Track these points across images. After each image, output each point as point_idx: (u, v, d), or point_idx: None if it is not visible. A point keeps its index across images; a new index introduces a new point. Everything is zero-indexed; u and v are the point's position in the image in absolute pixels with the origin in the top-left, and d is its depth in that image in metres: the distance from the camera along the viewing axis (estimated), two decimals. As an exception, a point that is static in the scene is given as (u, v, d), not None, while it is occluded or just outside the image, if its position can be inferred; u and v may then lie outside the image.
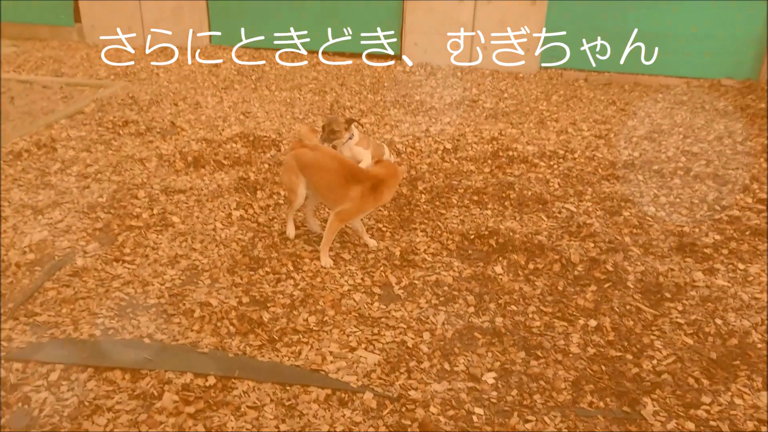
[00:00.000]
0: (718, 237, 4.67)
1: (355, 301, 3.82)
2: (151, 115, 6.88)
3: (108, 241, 4.36)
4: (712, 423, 2.96)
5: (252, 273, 4.08)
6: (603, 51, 9.36)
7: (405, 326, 3.61)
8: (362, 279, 4.06)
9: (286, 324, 3.59)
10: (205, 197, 5.04)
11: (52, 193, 4.97)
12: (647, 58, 9.28)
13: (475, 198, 5.22)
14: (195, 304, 3.74)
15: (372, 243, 4.43)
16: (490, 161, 6.03)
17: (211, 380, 3.11)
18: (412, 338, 3.50)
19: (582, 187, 5.52)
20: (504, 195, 5.29)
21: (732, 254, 4.44)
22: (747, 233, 4.73)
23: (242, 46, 10.10)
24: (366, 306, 3.78)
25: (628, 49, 9.26)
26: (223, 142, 6.18)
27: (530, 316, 3.73)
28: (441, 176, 5.63)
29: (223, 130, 6.53)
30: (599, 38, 9.31)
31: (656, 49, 9.21)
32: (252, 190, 5.21)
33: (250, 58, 9.56)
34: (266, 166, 5.69)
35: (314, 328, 3.57)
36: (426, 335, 3.53)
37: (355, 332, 3.54)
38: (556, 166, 5.97)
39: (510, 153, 6.22)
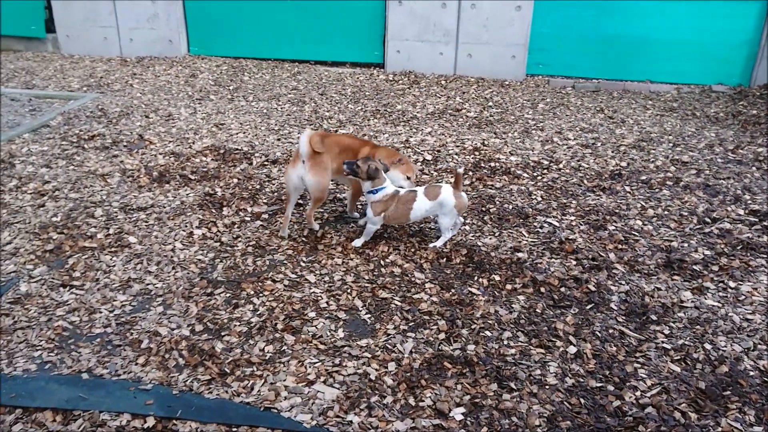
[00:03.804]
0: (707, 252, 4.41)
1: (317, 328, 3.55)
2: (119, 128, 6.61)
3: (57, 265, 4.08)
4: (700, 464, 2.69)
5: (208, 298, 3.80)
6: (591, 57, 9.16)
7: (369, 356, 3.33)
8: (327, 303, 3.78)
9: (240, 355, 3.31)
10: (166, 215, 4.76)
11: (3, 213, 4.70)
12: (636, 64, 9.09)
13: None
14: (143, 333, 3.46)
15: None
16: (470, 173, 5.77)
17: (150, 422, 2.83)
18: (376, 369, 3.23)
19: (566, 199, 5.26)
20: (484, 209, 5.03)
21: (723, 271, 4.17)
22: (738, 248, 4.47)
23: (222, 56, 9.88)
24: (329, 333, 3.51)
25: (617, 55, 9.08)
26: (192, 156, 5.91)
27: (505, 342, 3.45)
28: (418, 189, 5.37)
29: (193, 143, 6.27)
30: (586, 43, 9.12)
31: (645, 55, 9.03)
32: (218, 206, 4.94)
33: (230, 68, 9.32)
34: (235, 180, 5.43)
35: (271, 359, 3.29)
36: (391, 366, 3.26)
37: (314, 363, 3.26)
38: (539, 178, 5.71)
39: (492, 164, 5.97)
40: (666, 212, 5.05)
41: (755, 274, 4.14)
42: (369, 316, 3.68)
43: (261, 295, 3.84)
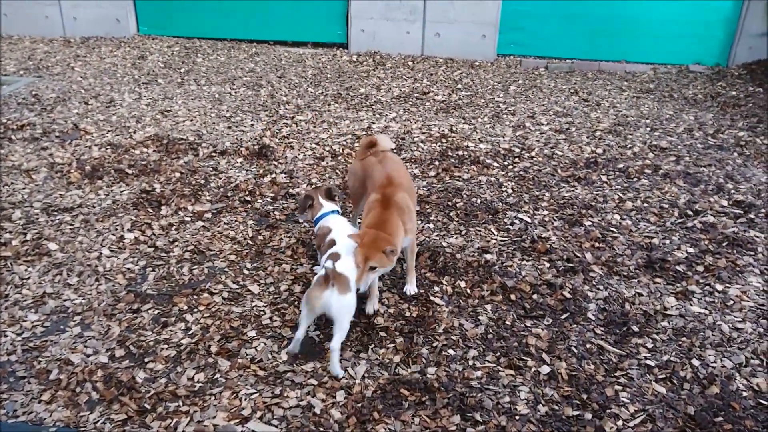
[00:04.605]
0: (691, 250, 4.05)
1: (256, 350, 3.10)
2: (53, 116, 6.03)
3: (-38, 278, 3.57)
4: None
5: (134, 315, 3.33)
6: (565, 36, 8.73)
7: (315, 383, 2.90)
8: (270, 319, 3.33)
9: (165, 386, 2.85)
10: (95, 216, 4.25)
11: None
12: (611, 43, 8.69)
13: (416, 209, 4.51)
14: (53, 361, 2.99)
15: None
16: (437, 163, 5.33)
17: (47, 478, 2.37)
18: (322, 400, 2.80)
19: (539, 191, 4.86)
20: (450, 204, 4.61)
21: (708, 272, 3.81)
22: (724, 244, 4.12)
23: (174, 36, 9.25)
24: (270, 356, 3.06)
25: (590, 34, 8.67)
26: (132, 147, 5.37)
27: (470, 363, 3.05)
28: (379, 182, 4.91)
29: (134, 132, 5.72)
30: (559, 22, 8.68)
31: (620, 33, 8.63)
32: (155, 205, 4.44)
33: (182, 50, 8.71)
34: (177, 174, 4.92)
35: (200, 390, 2.84)
36: (340, 395, 2.83)
37: (250, 395, 2.82)
38: (510, 167, 5.30)
39: (460, 153, 5.53)
40: (645, 204, 4.68)
41: (743, 275, 3.79)
42: (317, 333, 3.25)
43: (195, 310, 3.38)
